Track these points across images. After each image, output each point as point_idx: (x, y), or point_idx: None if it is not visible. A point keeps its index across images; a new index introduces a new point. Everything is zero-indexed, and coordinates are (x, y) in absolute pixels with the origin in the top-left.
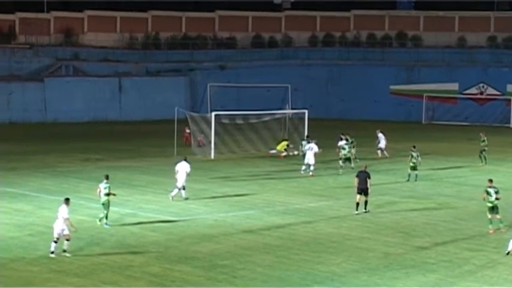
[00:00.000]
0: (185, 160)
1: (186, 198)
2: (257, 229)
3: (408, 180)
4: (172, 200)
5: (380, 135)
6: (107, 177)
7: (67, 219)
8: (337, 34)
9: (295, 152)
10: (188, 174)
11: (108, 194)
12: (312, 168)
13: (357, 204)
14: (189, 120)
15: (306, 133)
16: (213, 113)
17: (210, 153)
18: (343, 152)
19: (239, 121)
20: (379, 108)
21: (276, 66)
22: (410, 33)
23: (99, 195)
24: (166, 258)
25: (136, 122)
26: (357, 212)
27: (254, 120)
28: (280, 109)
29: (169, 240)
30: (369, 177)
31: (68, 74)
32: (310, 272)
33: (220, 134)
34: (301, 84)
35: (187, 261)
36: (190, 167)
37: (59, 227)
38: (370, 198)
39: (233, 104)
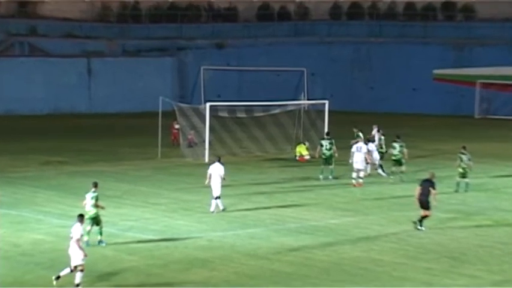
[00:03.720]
0: (219, 161)
1: (224, 209)
2: (263, 252)
3: (457, 190)
4: (214, 213)
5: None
6: (95, 185)
7: (77, 240)
8: (366, 4)
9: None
10: (223, 179)
11: (96, 206)
12: (361, 174)
13: (422, 217)
14: (177, 113)
15: (326, 130)
16: (208, 104)
17: (203, 155)
18: (393, 152)
19: (241, 114)
20: (419, 98)
21: (287, 45)
22: (460, 3)
23: (86, 209)
24: None
25: (109, 115)
26: (420, 227)
27: (260, 114)
28: (294, 99)
29: (152, 266)
30: (433, 187)
31: (23, 53)
32: None
33: (216, 130)
34: (320, 68)
35: None
36: (224, 169)
37: (76, 254)
38: (425, 214)
39: (233, 93)
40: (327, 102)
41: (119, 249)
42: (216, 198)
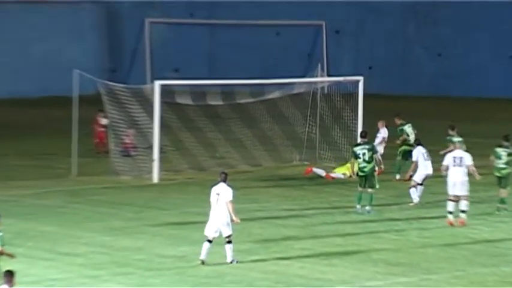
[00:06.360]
0: (224, 181)
1: (231, 262)
2: None
3: None
4: (203, 264)
5: (384, 130)
6: None
7: None
8: None
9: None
10: (231, 202)
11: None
12: (464, 205)
13: None
14: (104, 98)
15: (359, 128)
16: (157, 83)
17: (149, 171)
18: (497, 164)
19: (214, 101)
20: None
21: None
22: None
23: None
24: None
25: None
26: None
27: (247, 100)
28: (305, 75)
29: None
30: None
31: None
32: None
33: (173, 128)
34: (349, 22)
35: None
36: (233, 192)
37: None
38: None
39: (201, 65)
40: (361, 79)
41: None
42: (211, 240)
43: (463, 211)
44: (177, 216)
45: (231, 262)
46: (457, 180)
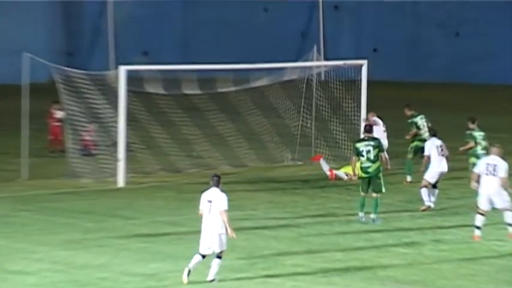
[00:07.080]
0: (217, 185)
1: (212, 281)
2: None
3: None
4: (186, 282)
5: (375, 119)
6: None
7: None
8: None
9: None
10: (225, 212)
11: None
12: (510, 217)
13: None
14: (59, 87)
15: (362, 121)
16: (123, 68)
17: (113, 174)
18: None
19: (190, 89)
20: None
21: None
22: None
23: None
24: None
25: None
26: None
27: (229, 88)
28: (297, 59)
29: None
30: None
31: None
32: None
33: (141, 123)
34: None
35: None
36: (228, 201)
37: None
38: None
39: (175, 47)
40: (365, 63)
41: None
42: (204, 256)
43: (510, 224)
44: (147, 226)
45: (211, 281)
46: (491, 192)
